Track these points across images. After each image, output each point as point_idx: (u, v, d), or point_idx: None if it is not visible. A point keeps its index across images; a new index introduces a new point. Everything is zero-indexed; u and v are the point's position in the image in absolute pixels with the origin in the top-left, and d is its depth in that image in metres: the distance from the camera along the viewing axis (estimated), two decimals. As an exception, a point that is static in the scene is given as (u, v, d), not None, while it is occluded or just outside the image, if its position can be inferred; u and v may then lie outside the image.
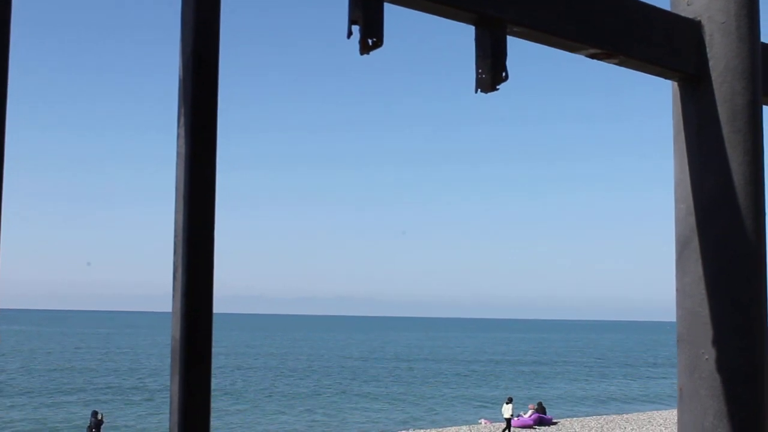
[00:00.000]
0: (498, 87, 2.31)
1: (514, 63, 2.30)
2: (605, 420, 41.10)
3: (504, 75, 2.31)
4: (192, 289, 1.76)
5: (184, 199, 1.79)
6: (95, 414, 31.56)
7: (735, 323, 2.59)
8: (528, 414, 39.15)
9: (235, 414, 43.51)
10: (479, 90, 2.33)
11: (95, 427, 30.94)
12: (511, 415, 36.39)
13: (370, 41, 2.05)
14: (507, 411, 36.19)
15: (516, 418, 37.41)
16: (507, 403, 36.53)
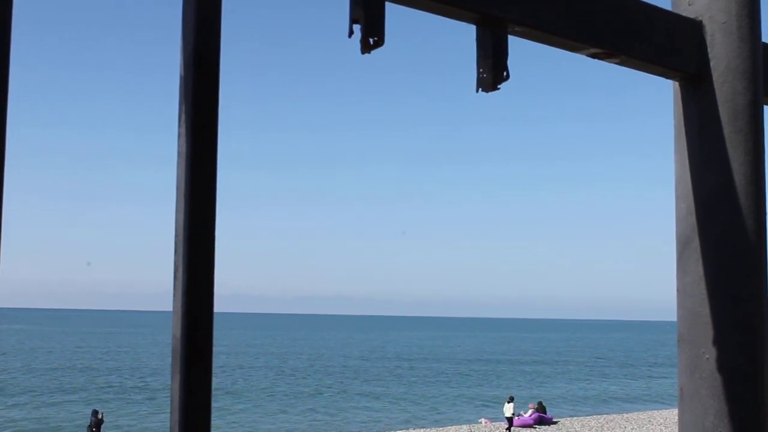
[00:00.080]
0: (499, 86, 2.31)
1: (515, 62, 2.30)
2: (605, 419, 41.08)
3: (505, 74, 2.31)
4: (192, 288, 1.76)
5: (184, 198, 1.79)
6: (95, 413, 31.59)
7: (735, 323, 2.59)
8: (528, 413, 39.17)
9: (236, 413, 43.50)
10: (480, 89, 2.32)
11: (95, 426, 30.97)
12: (513, 414, 36.47)
13: (371, 40, 2.05)
14: (508, 410, 36.30)
15: (516, 417, 37.44)
16: (508, 402, 36.67)
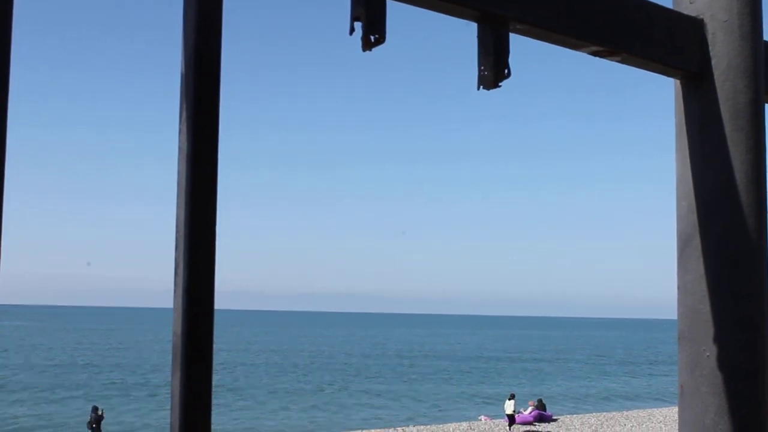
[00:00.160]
0: (500, 84, 2.31)
1: (516, 60, 2.30)
2: (605, 417, 41.11)
3: (506, 72, 2.30)
4: (193, 286, 1.76)
5: (185, 196, 1.79)
6: (95, 409, 31.61)
7: (736, 320, 2.59)
8: (528, 411, 39.19)
9: (237, 410, 43.54)
10: (481, 87, 2.32)
11: (95, 423, 30.99)
12: (514, 411, 36.53)
13: (372, 38, 2.04)
14: (509, 407, 36.37)
15: (516, 414, 37.48)
16: (509, 400, 36.76)
